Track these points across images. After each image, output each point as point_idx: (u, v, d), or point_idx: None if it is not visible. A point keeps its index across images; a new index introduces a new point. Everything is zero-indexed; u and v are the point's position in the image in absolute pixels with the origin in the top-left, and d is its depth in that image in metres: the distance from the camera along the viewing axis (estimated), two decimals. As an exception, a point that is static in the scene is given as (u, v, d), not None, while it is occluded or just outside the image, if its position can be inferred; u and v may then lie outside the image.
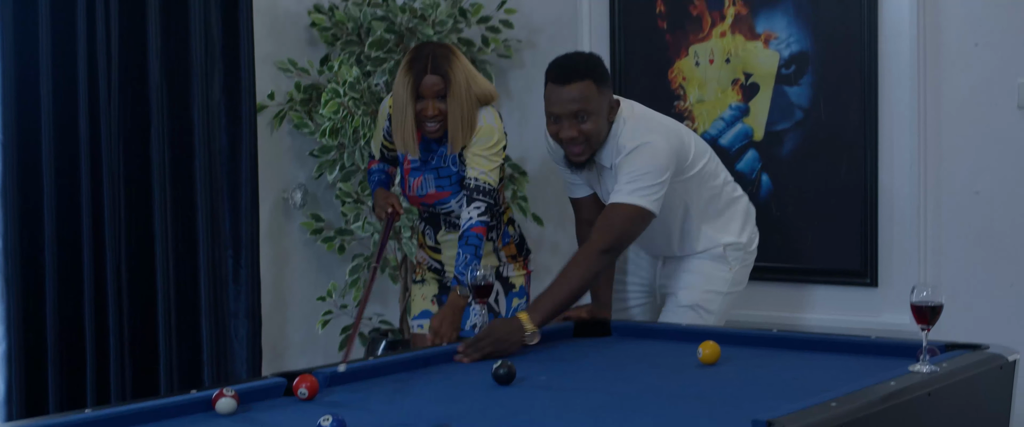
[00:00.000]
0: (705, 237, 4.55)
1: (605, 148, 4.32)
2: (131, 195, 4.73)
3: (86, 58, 4.54)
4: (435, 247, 4.65)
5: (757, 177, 5.30)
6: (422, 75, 4.35)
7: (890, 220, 5.10)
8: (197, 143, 4.87)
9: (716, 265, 4.56)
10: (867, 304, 5.16)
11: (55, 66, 4.48)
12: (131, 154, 4.72)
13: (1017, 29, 4.86)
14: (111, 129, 4.63)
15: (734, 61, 5.31)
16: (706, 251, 4.56)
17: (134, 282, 4.75)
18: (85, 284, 4.60)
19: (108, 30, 4.60)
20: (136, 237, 4.75)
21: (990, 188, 4.95)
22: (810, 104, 5.19)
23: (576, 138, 4.23)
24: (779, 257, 5.27)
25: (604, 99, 4.24)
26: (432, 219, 4.63)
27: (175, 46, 4.81)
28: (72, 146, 4.55)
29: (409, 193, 4.58)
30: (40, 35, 4.44)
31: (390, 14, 5.38)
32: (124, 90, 4.67)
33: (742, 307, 5.19)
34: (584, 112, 4.20)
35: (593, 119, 4.22)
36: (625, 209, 4.21)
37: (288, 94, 5.44)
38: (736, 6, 5.31)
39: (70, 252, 4.58)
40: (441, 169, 4.49)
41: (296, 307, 5.59)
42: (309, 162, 5.52)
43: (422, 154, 4.49)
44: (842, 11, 5.11)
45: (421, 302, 4.73)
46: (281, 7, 5.46)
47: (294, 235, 5.58)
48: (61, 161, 4.53)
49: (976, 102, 4.94)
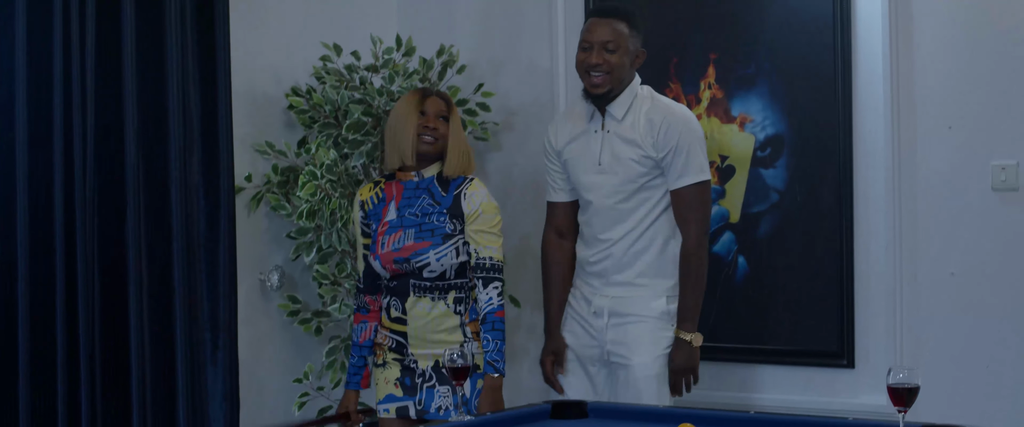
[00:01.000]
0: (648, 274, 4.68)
1: (620, 98, 4.68)
2: (107, 277, 4.70)
3: (62, 136, 4.53)
4: (400, 318, 4.67)
5: (734, 259, 5.32)
6: (427, 97, 4.68)
7: (866, 301, 5.11)
8: (175, 224, 4.86)
9: (661, 324, 4.67)
10: (844, 385, 5.16)
11: (31, 146, 4.46)
12: (107, 236, 4.70)
13: (990, 112, 4.91)
14: (87, 210, 4.61)
15: (710, 143, 5.34)
16: (650, 309, 4.65)
17: (108, 365, 4.70)
18: (58, 368, 4.56)
19: (84, 109, 4.59)
20: (112, 319, 4.72)
21: (965, 269, 4.97)
22: (786, 186, 5.22)
23: (601, 65, 4.61)
24: (756, 338, 5.28)
25: (634, 42, 4.67)
26: (399, 288, 4.66)
27: (153, 127, 4.80)
28: (46, 225, 4.52)
29: (383, 252, 4.64)
30: (16, 116, 4.43)
31: (367, 97, 5.40)
32: (101, 170, 4.65)
33: (719, 388, 5.21)
34: (615, 44, 4.61)
35: (619, 54, 4.61)
36: (699, 189, 4.64)
37: (265, 176, 5.44)
38: (711, 89, 5.35)
39: (43, 332, 4.54)
40: (424, 223, 4.62)
41: (273, 389, 5.56)
42: (286, 244, 5.52)
43: (401, 207, 4.66)
44: (817, 94, 5.15)
45: (384, 386, 4.74)
46: (259, 89, 5.48)
47: (271, 317, 5.56)
48: (35, 243, 4.50)
49: (950, 184, 4.98)
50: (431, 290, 4.66)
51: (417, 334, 4.66)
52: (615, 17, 4.66)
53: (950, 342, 5.00)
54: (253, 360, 5.45)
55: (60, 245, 4.55)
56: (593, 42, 4.62)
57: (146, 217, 4.79)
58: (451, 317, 4.67)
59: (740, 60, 5.30)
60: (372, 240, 4.72)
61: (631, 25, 4.66)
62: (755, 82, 5.27)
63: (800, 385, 5.25)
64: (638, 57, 4.69)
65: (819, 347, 5.19)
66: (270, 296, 5.55)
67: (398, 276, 4.68)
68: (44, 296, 4.53)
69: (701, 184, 4.62)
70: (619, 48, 4.61)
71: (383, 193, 4.76)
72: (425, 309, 4.65)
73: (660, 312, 4.64)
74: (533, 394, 5.65)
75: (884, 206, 5.05)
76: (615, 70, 4.61)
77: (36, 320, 4.51)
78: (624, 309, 4.66)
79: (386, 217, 4.69)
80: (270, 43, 5.52)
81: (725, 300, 5.33)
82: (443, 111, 4.69)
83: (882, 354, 5.07)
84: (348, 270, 5.38)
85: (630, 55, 4.65)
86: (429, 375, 4.69)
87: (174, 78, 4.83)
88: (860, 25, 5.08)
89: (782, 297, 5.26)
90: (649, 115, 4.63)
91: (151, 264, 4.81)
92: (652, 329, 4.64)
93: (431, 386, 4.68)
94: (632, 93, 4.69)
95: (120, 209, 4.72)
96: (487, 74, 5.85)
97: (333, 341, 5.45)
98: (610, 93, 4.65)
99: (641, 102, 4.68)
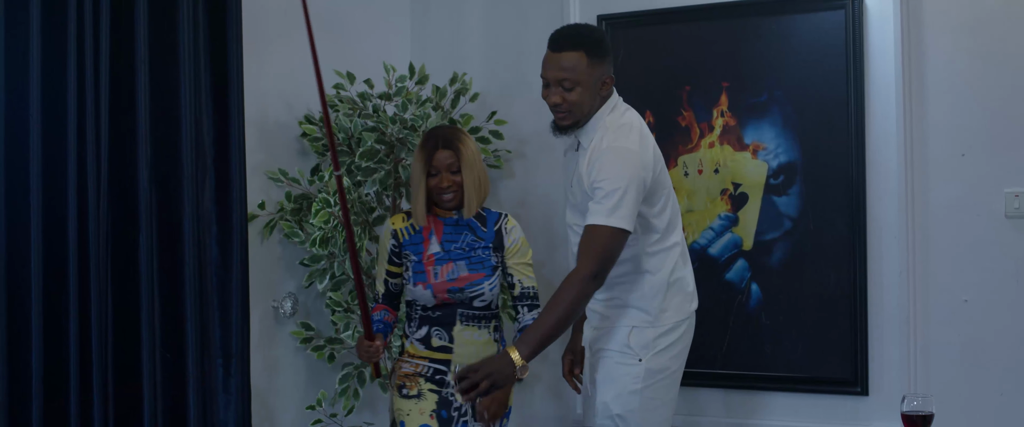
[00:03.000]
0: (613, 306, 4.44)
1: (588, 126, 4.37)
2: (119, 304, 4.70)
3: (75, 165, 4.54)
4: (445, 347, 4.69)
5: (747, 286, 5.32)
6: (434, 152, 4.70)
7: (880, 329, 5.10)
8: (187, 252, 4.87)
9: (624, 359, 4.39)
10: (858, 413, 5.15)
11: (44, 177, 4.48)
12: (119, 263, 4.70)
13: (1002, 139, 4.91)
14: (99, 238, 4.62)
15: (723, 171, 5.34)
16: (613, 342, 4.41)
17: (121, 393, 4.71)
18: (71, 393, 4.57)
19: (98, 137, 4.60)
20: (124, 346, 4.72)
21: (978, 296, 4.96)
22: (799, 214, 5.22)
23: (560, 105, 4.33)
24: (770, 366, 5.27)
25: (595, 72, 4.32)
26: (444, 318, 4.71)
27: (165, 155, 4.81)
28: (60, 255, 4.53)
29: (436, 282, 4.71)
30: (31, 142, 4.44)
31: (380, 125, 5.41)
32: (113, 199, 4.66)
33: (733, 416, 5.19)
34: (570, 81, 4.30)
35: (578, 90, 4.31)
36: (602, 231, 4.20)
37: (279, 204, 5.45)
38: (724, 117, 5.35)
39: (56, 359, 4.54)
40: (472, 256, 4.75)
41: (286, 416, 5.56)
42: (299, 271, 5.53)
43: (445, 242, 4.74)
44: (829, 122, 5.15)
45: (419, 416, 4.73)
46: (272, 117, 5.50)
47: (284, 344, 5.57)
48: (48, 273, 4.50)
49: (963, 211, 4.97)
50: (479, 319, 4.77)
51: (463, 362, 4.68)
52: (570, 49, 4.32)
53: (964, 369, 4.99)
54: (266, 387, 5.45)
55: (73, 273, 4.55)
56: (549, 80, 4.35)
57: (159, 245, 4.80)
58: (492, 345, 4.80)
59: (753, 88, 5.31)
60: (413, 270, 4.77)
61: (590, 53, 4.32)
62: (768, 110, 5.27)
63: (814, 412, 5.24)
64: (604, 84, 4.37)
65: (833, 374, 5.18)
66: (283, 323, 5.55)
67: (445, 306, 4.73)
68: (56, 324, 4.54)
69: (614, 231, 4.19)
70: (577, 84, 4.31)
71: (418, 226, 4.81)
72: (473, 337, 4.75)
73: (622, 345, 4.41)
74: (548, 422, 5.65)
75: (897, 233, 5.04)
76: (575, 108, 4.33)
77: (49, 347, 4.51)
78: (596, 342, 4.53)
79: (429, 250, 4.76)
80: (283, 71, 5.53)
81: (738, 327, 5.33)
82: (453, 164, 4.72)
83: (896, 381, 5.06)
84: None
85: (591, 87, 4.34)
86: (466, 410, 4.73)
87: (187, 106, 4.84)
88: (872, 53, 5.09)
89: (795, 324, 5.25)
90: (597, 146, 4.35)
91: (163, 292, 4.82)
92: (615, 364, 4.42)
93: (466, 420, 4.72)
94: (600, 119, 4.37)
95: (133, 238, 4.73)
96: (500, 102, 5.86)
97: (346, 368, 5.45)
98: (577, 124, 4.40)
99: (604, 131, 4.35)
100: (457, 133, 4.79)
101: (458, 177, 4.72)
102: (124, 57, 4.69)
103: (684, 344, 4.45)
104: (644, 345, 4.36)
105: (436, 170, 4.71)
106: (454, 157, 4.71)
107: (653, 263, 4.39)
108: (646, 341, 4.37)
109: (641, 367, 4.35)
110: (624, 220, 4.19)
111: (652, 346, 4.36)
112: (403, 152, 5.39)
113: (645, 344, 4.36)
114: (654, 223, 4.37)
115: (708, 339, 5.33)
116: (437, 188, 4.71)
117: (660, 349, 4.37)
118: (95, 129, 4.61)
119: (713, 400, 5.40)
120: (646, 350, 4.36)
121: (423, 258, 4.75)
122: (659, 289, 4.38)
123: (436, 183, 4.71)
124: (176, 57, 4.83)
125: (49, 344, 4.51)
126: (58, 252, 4.53)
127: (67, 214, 4.55)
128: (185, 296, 4.87)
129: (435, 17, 6.10)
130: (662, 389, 4.39)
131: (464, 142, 4.75)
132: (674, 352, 4.41)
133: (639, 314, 4.39)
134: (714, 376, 5.37)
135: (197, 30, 4.91)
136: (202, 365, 4.92)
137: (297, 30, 5.62)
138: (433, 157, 4.71)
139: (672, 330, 4.39)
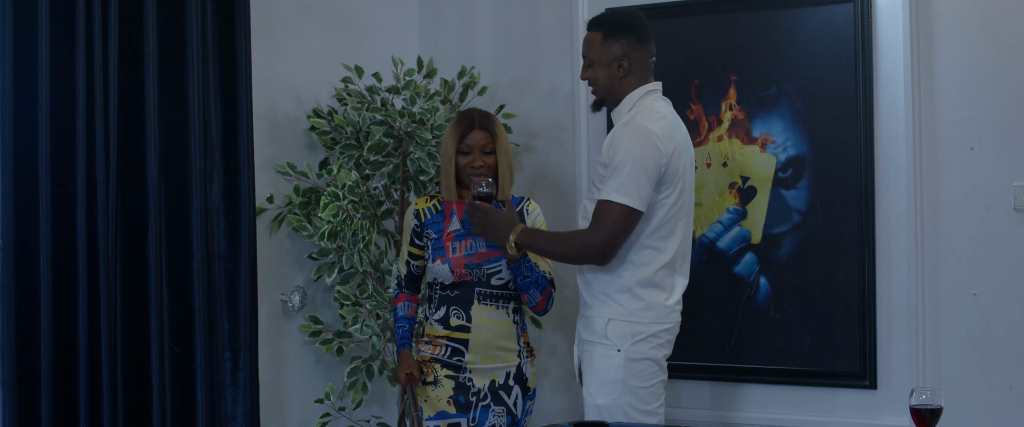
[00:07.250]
0: (596, 294, 4.51)
1: (619, 107, 4.55)
2: (128, 298, 4.71)
3: (84, 159, 4.55)
4: (462, 326, 4.70)
5: (755, 280, 5.31)
6: (468, 131, 4.73)
7: (889, 322, 5.10)
8: (195, 246, 4.87)
9: (604, 350, 4.46)
10: (866, 406, 5.15)
11: (53, 171, 4.49)
12: (128, 257, 4.71)
13: (1012, 133, 4.89)
14: (108, 232, 4.63)
15: (731, 165, 5.34)
16: (593, 333, 4.48)
17: (129, 386, 4.72)
18: (80, 387, 4.58)
19: (107, 132, 4.61)
20: (133, 340, 4.73)
21: (987, 290, 4.96)
22: (807, 207, 5.21)
23: (587, 81, 4.61)
24: (778, 359, 5.27)
25: (608, 51, 4.52)
26: (462, 297, 4.74)
27: (174, 149, 4.82)
28: (70, 249, 4.55)
29: (454, 257, 4.73)
30: (39, 136, 4.45)
31: (388, 118, 5.41)
32: (122, 193, 4.67)
33: (742, 409, 5.19)
34: (587, 59, 4.56)
35: (594, 68, 4.55)
36: (608, 207, 4.36)
37: (287, 197, 5.46)
38: (733, 111, 5.35)
39: (65, 356, 4.55)
40: None
41: (294, 410, 5.57)
42: (308, 265, 5.53)
43: (466, 221, 4.75)
44: (838, 115, 5.15)
45: (436, 403, 4.74)
46: (280, 111, 5.50)
47: (292, 337, 5.57)
48: (57, 266, 4.52)
49: (972, 205, 4.96)
50: (497, 298, 4.76)
51: (481, 342, 4.71)
52: (590, 29, 4.60)
53: (973, 363, 4.98)
54: (274, 381, 5.46)
55: (82, 268, 4.57)
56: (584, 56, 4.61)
57: (167, 239, 4.81)
58: (511, 327, 4.78)
59: (761, 81, 5.30)
60: (433, 248, 4.79)
61: (607, 32, 4.54)
62: (777, 103, 5.27)
63: (822, 406, 5.24)
64: (620, 65, 4.52)
65: (841, 368, 5.18)
66: (291, 317, 5.56)
67: (463, 284, 4.74)
68: (66, 318, 4.55)
69: (623, 209, 4.33)
70: (592, 62, 4.55)
71: (441, 205, 4.82)
72: (491, 316, 4.74)
73: (601, 336, 4.46)
74: (556, 415, 5.65)
75: (906, 226, 5.03)
76: (594, 84, 4.57)
77: (58, 340, 4.53)
78: (581, 332, 4.59)
79: (449, 227, 4.79)
80: (291, 65, 5.54)
81: (747, 321, 5.32)
82: (486, 145, 4.75)
83: (905, 375, 5.05)
84: (370, 291, 5.39)
85: (607, 66, 4.53)
86: (484, 394, 4.74)
87: (195, 100, 4.85)
88: (882, 45, 5.08)
89: (804, 318, 5.24)
90: (620, 126, 4.49)
91: (172, 286, 4.83)
92: (597, 355, 4.48)
93: (486, 406, 4.73)
94: (630, 103, 4.52)
95: (141, 231, 4.74)
96: (508, 95, 5.87)
97: (354, 361, 5.45)
98: (606, 102, 4.60)
99: (634, 113, 4.47)
100: (492, 116, 4.83)
101: (491, 159, 4.73)
102: (133, 51, 4.70)
103: (667, 336, 4.51)
104: (621, 336, 4.44)
105: (468, 149, 4.72)
106: (489, 139, 4.74)
107: (641, 257, 4.45)
108: (623, 332, 4.44)
109: (620, 357, 4.43)
110: (630, 197, 4.31)
111: (629, 336, 4.43)
112: (411, 146, 5.39)
113: (622, 335, 4.44)
114: (656, 211, 4.41)
115: (716, 333, 5.33)
116: (469, 167, 4.72)
117: (639, 339, 4.44)
118: (104, 123, 4.62)
119: (721, 393, 5.39)
120: (623, 340, 4.44)
121: (443, 235, 4.77)
122: (639, 284, 4.44)
123: (468, 162, 4.72)
124: (185, 51, 4.84)
125: (58, 338, 4.52)
126: (67, 246, 4.54)
127: (76, 208, 4.56)
128: (194, 290, 4.88)
129: (443, 11, 6.10)
130: (645, 377, 4.45)
131: (499, 126, 4.80)
132: (654, 343, 4.46)
133: (616, 307, 4.46)
134: (722, 369, 5.36)
135: (205, 24, 4.91)
136: (210, 358, 4.93)
137: (305, 24, 5.64)
138: (467, 135, 4.73)
139: (650, 324, 4.45)
